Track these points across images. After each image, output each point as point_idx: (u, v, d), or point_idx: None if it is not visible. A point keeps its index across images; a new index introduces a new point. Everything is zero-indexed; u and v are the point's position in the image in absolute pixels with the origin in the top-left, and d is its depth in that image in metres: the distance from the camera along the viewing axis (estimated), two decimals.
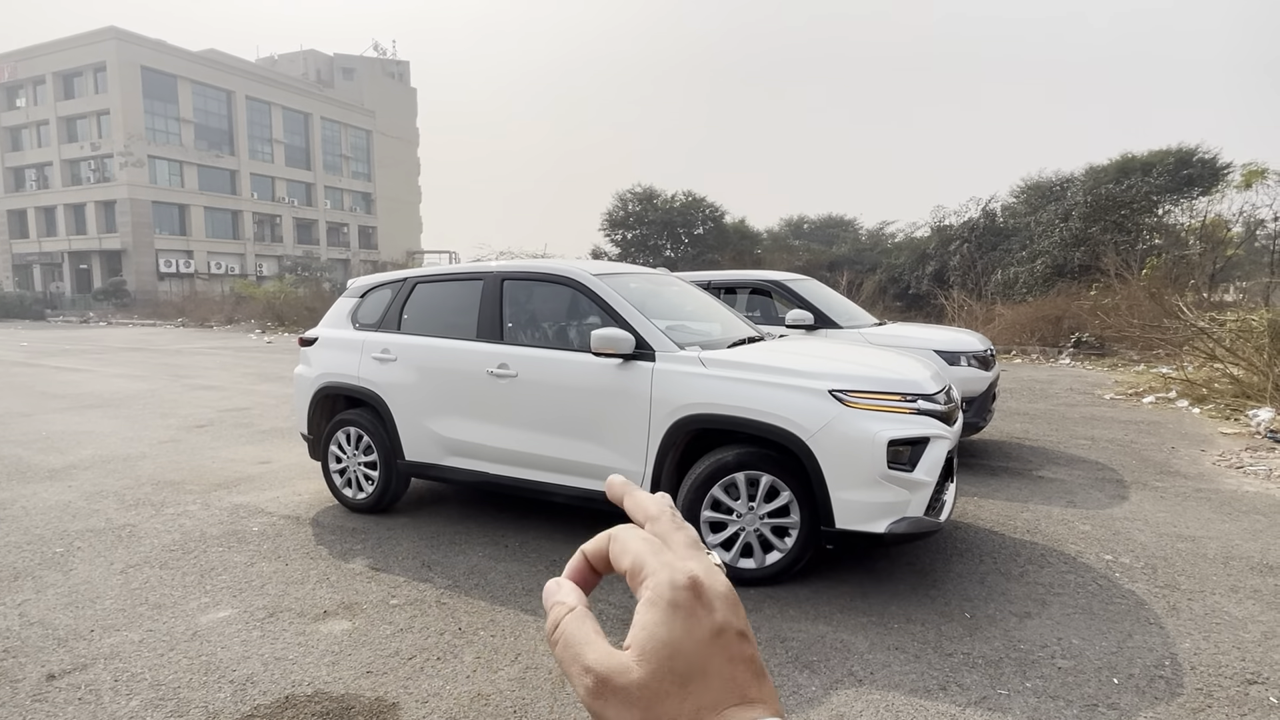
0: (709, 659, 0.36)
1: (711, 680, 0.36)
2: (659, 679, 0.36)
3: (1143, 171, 20.01)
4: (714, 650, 0.37)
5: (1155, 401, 9.13)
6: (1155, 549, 4.10)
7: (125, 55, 45.31)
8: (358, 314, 5.12)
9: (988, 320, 16.85)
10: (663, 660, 0.36)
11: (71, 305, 44.86)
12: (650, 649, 0.37)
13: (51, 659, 2.95)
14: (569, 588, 0.43)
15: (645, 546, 0.40)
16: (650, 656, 0.36)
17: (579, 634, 0.39)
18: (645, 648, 0.37)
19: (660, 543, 0.41)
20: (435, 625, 3.25)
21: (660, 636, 0.37)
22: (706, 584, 0.38)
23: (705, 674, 0.36)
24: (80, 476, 5.77)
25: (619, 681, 0.36)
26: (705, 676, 0.36)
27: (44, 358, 16.26)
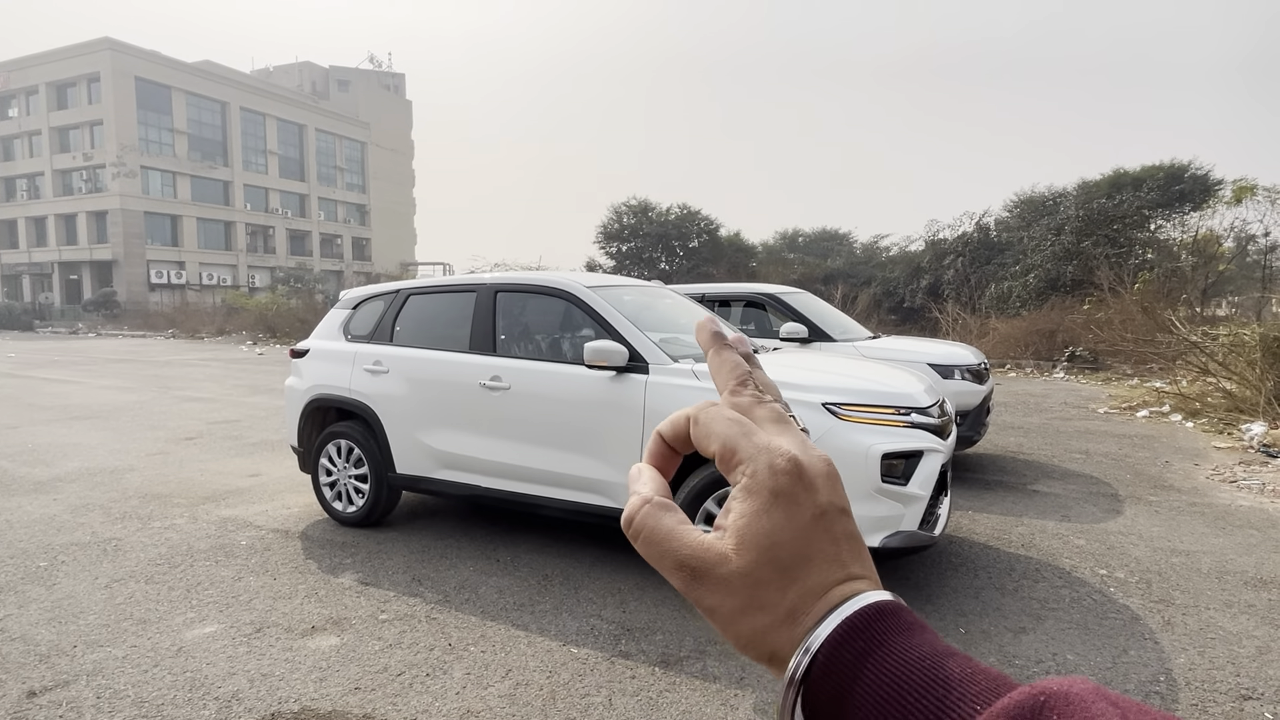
0: (812, 542, 0.35)
1: (815, 563, 0.35)
2: (760, 567, 0.35)
3: (1134, 186, 20.19)
4: (817, 532, 0.36)
5: (1149, 416, 9.16)
6: (1149, 563, 4.09)
7: (119, 66, 45.34)
8: (350, 326, 5.09)
9: (982, 334, 16.93)
10: (764, 549, 0.35)
11: (61, 316, 44.54)
12: (750, 538, 0.35)
13: (32, 675, 2.89)
14: (648, 475, 0.41)
15: (734, 428, 0.38)
16: (750, 545, 0.35)
17: (661, 527, 0.37)
18: (744, 536, 0.36)
19: (748, 421, 0.38)
20: (425, 641, 3.20)
21: (761, 525, 0.35)
22: (806, 464, 0.37)
23: (809, 558, 0.35)
24: (66, 489, 5.69)
25: (719, 572, 0.35)
26: (808, 561, 0.35)
27: (32, 369, 16.12)
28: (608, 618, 3.44)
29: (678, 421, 0.41)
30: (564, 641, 3.20)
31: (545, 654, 3.09)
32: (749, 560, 0.35)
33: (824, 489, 0.37)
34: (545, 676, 2.90)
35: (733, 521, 0.36)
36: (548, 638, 3.23)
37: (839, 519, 0.37)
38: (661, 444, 0.42)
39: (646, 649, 3.13)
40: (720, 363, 0.43)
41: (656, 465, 0.42)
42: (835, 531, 0.36)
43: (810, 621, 0.34)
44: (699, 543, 0.36)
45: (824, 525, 0.36)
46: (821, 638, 0.34)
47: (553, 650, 3.12)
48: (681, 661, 3.02)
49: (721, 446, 0.38)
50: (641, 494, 0.39)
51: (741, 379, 0.41)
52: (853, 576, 0.36)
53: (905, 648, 0.33)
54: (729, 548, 0.36)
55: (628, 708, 2.70)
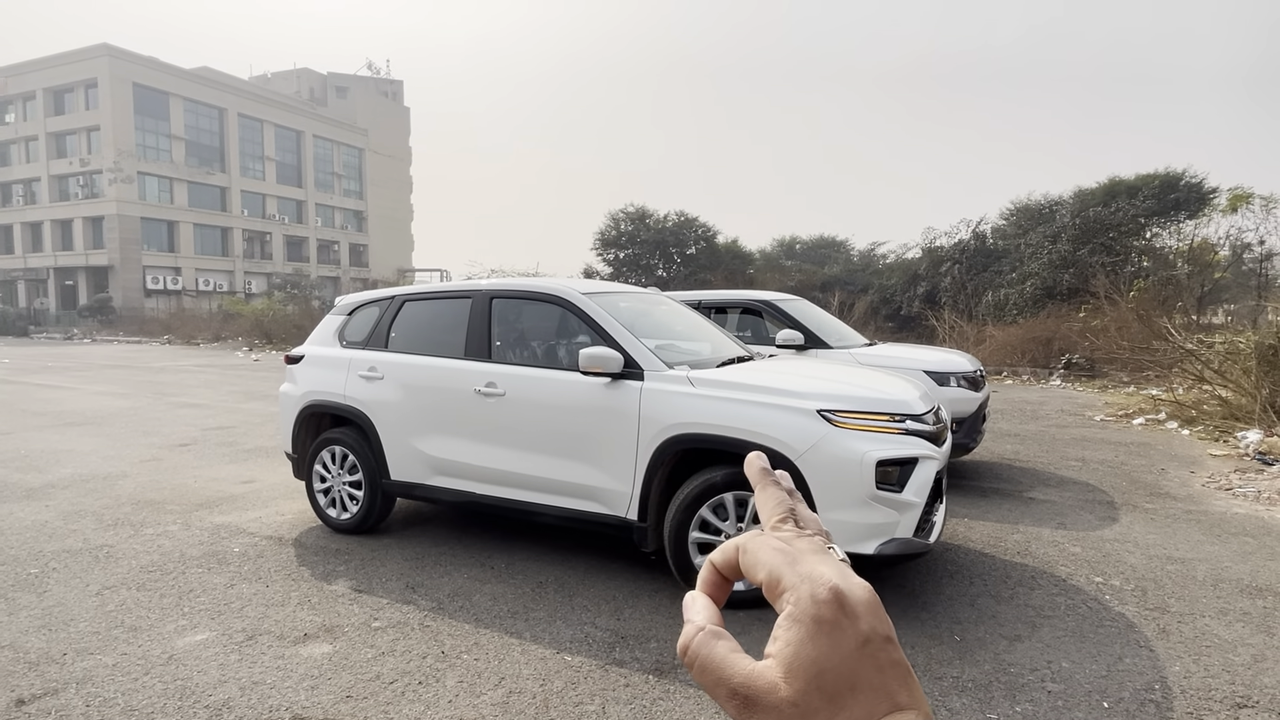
0: (857, 671, 0.36)
1: (861, 692, 0.36)
2: (808, 696, 0.36)
3: (1130, 195, 20.25)
4: (862, 661, 0.36)
5: (1145, 423, 9.18)
6: (1145, 571, 4.09)
7: (117, 72, 45.37)
8: (345, 332, 5.08)
9: (979, 341, 16.95)
10: (810, 678, 0.36)
11: (56, 322, 44.42)
12: (797, 666, 0.36)
13: (21, 683, 2.87)
14: (701, 603, 0.42)
15: (779, 558, 0.40)
16: (798, 674, 0.36)
17: (715, 655, 0.39)
18: (791, 665, 0.36)
19: (793, 550, 0.40)
20: (418, 648, 3.18)
21: (806, 654, 0.36)
22: (848, 594, 0.37)
23: (854, 687, 0.36)
24: (58, 496, 5.66)
25: (769, 701, 0.36)
26: (854, 690, 0.36)
27: (25, 375, 16.06)
28: (602, 625, 3.42)
29: (728, 550, 0.43)
30: (558, 649, 3.19)
31: (539, 662, 3.07)
32: (797, 689, 0.36)
33: (866, 617, 0.37)
34: (539, 685, 2.89)
35: (779, 649, 0.37)
36: (541, 645, 3.22)
37: (883, 647, 0.37)
38: (713, 572, 0.44)
39: (641, 657, 3.12)
40: (766, 497, 0.45)
41: (709, 593, 0.44)
42: (880, 660, 0.37)
43: None
44: (750, 671, 0.37)
45: (869, 653, 0.37)
46: None
47: (546, 658, 3.11)
48: (676, 670, 3.01)
49: (768, 575, 0.40)
50: (695, 622, 0.41)
51: (784, 515, 0.44)
52: (900, 707, 0.36)
53: None
54: (778, 676, 0.37)
55: (621, 716, 2.68)
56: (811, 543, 0.42)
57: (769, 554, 0.40)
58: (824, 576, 0.38)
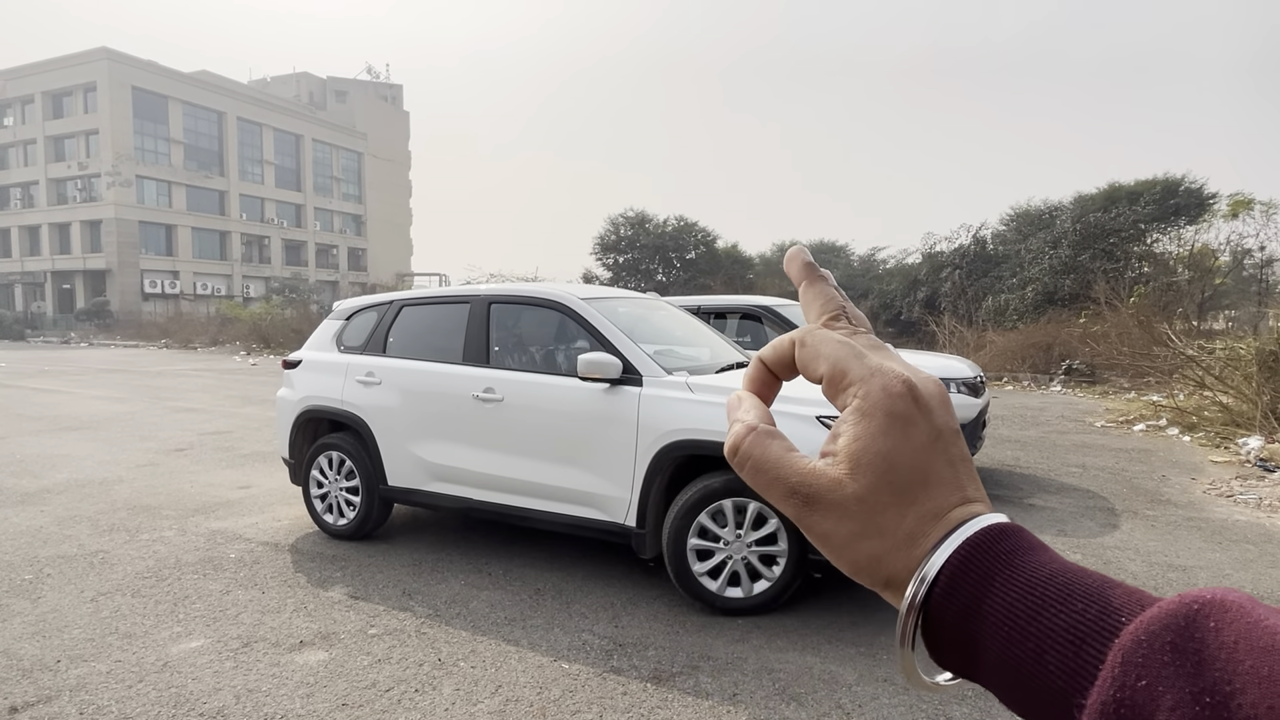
0: (930, 464, 0.35)
1: (932, 485, 0.34)
2: (877, 491, 0.34)
3: (1130, 200, 20.28)
4: (933, 455, 0.35)
5: (1146, 429, 9.17)
6: (1146, 579, 4.07)
7: (116, 75, 45.42)
8: (343, 336, 5.06)
9: (979, 347, 16.96)
10: (880, 473, 0.34)
11: (53, 325, 44.35)
12: (866, 461, 0.35)
13: (15, 691, 2.84)
14: (749, 402, 0.40)
15: (843, 350, 0.37)
16: (866, 469, 0.34)
17: (768, 454, 0.37)
18: (860, 459, 0.35)
19: (857, 344, 0.38)
20: (414, 656, 3.16)
21: (878, 447, 0.35)
22: (920, 387, 0.36)
23: (926, 481, 0.34)
24: (54, 501, 5.63)
25: (833, 498, 0.35)
26: (926, 483, 0.34)
27: (22, 379, 16.01)
28: (600, 633, 3.40)
29: (781, 345, 0.41)
30: (555, 657, 3.16)
31: (536, 669, 3.05)
32: (865, 484, 0.34)
33: (939, 411, 0.36)
34: (536, 693, 2.86)
35: (845, 445, 0.35)
36: (539, 653, 3.19)
37: (954, 441, 0.36)
38: (762, 369, 0.42)
39: (638, 665, 3.10)
40: (814, 294, 0.42)
41: (756, 392, 0.41)
42: (951, 454, 0.36)
43: (929, 544, 0.33)
44: (811, 469, 0.36)
45: (940, 447, 0.35)
46: (943, 559, 0.33)
47: (544, 666, 3.08)
48: (674, 677, 2.98)
49: (831, 368, 0.37)
50: (746, 421, 0.39)
51: (835, 311, 0.41)
52: (969, 499, 0.35)
53: (1034, 564, 0.32)
54: (843, 472, 0.35)
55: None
56: (869, 339, 0.39)
57: (832, 346, 0.38)
58: (895, 370, 0.36)
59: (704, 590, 3.61)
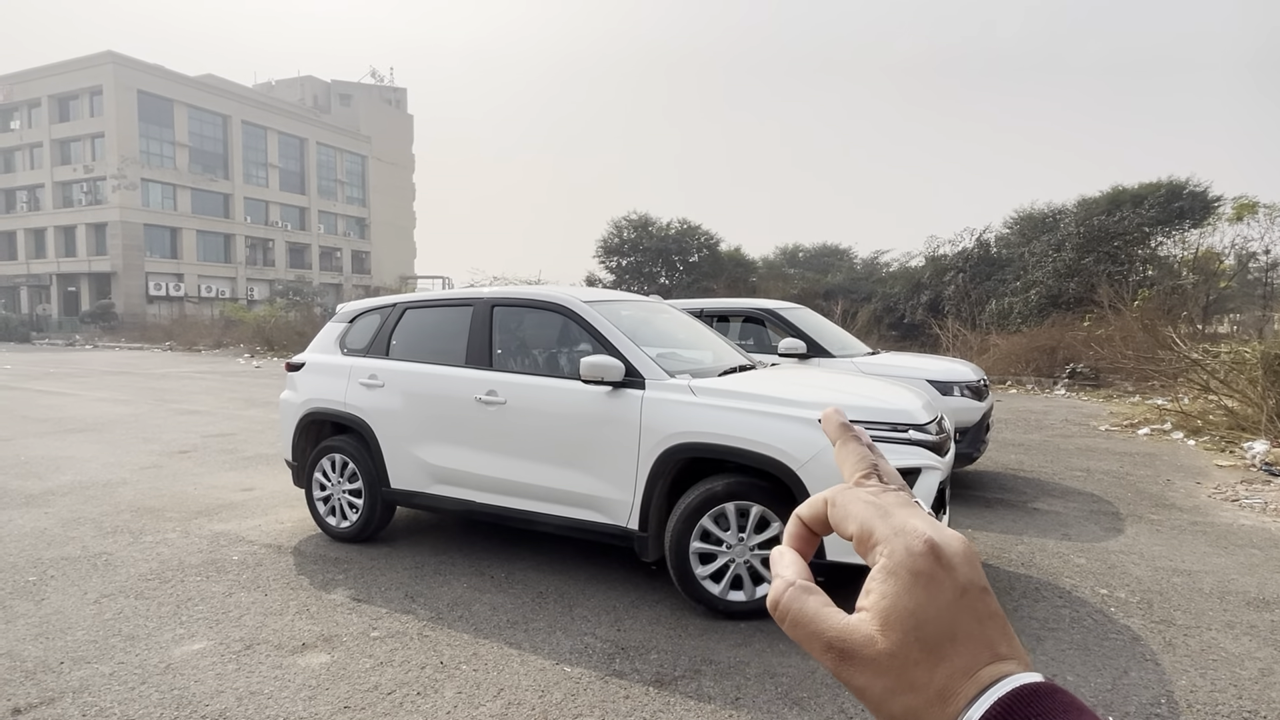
0: (956, 622, 0.36)
1: (961, 643, 0.35)
2: (907, 648, 0.35)
3: (1134, 203, 20.20)
4: (960, 612, 0.36)
5: (1150, 433, 9.12)
6: (1151, 583, 4.05)
7: (122, 79, 45.61)
8: (346, 339, 5.07)
9: (982, 350, 16.91)
10: (909, 630, 0.36)
11: (58, 328, 44.47)
12: (895, 618, 0.36)
13: (18, 692, 2.84)
14: (789, 558, 0.42)
15: (870, 510, 0.40)
16: (895, 626, 0.36)
17: (807, 610, 0.39)
18: (889, 617, 0.36)
19: (883, 504, 0.40)
20: (417, 659, 3.16)
21: (904, 605, 0.36)
22: (944, 545, 0.37)
23: (954, 638, 0.35)
24: (58, 503, 5.65)
25: (866, 654, 0.36)
26: (954, 640, 0.35)
27: (27, 381, 16.06)
28: (602, 636, 3.39)
29: (815, 504, 0.43)
30: (557, 660, 3.16)
31: (538, 673, 3.04)
32: (895, 640, 0.36)
33: (963, 568, 0.37)
34: (538, 696, 2.86)
35: (874, 602, 0.37)
36: (541, 656, 3.19)
37: (981, 598, 0.37)
38: (801, 526, 0.44)
39: (640, 668, 3.09)
40: (847, 453, 0.45)
41: (797, 548, 0.44)
42: (979, 611, 0.36)
43: (961, 703, 0.34)
44: (845, 625, 0.37)
45: (967, 604, 0.36)
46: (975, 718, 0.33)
47: (545, 669, 3.08)
48: (676, 681, 2.98)
49: (859, 528, 0.39)
50: (785, 577, 0.41)
51: (867, 470, 0.43)
52: (1001, 657, 0.35)
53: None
54: (875, 629, 0.36)
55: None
56: (898, 496, 0.41)
57: (860, 507, 0.40)
58: (918, 529, 0.38)
59: (707, 594, 3.60)
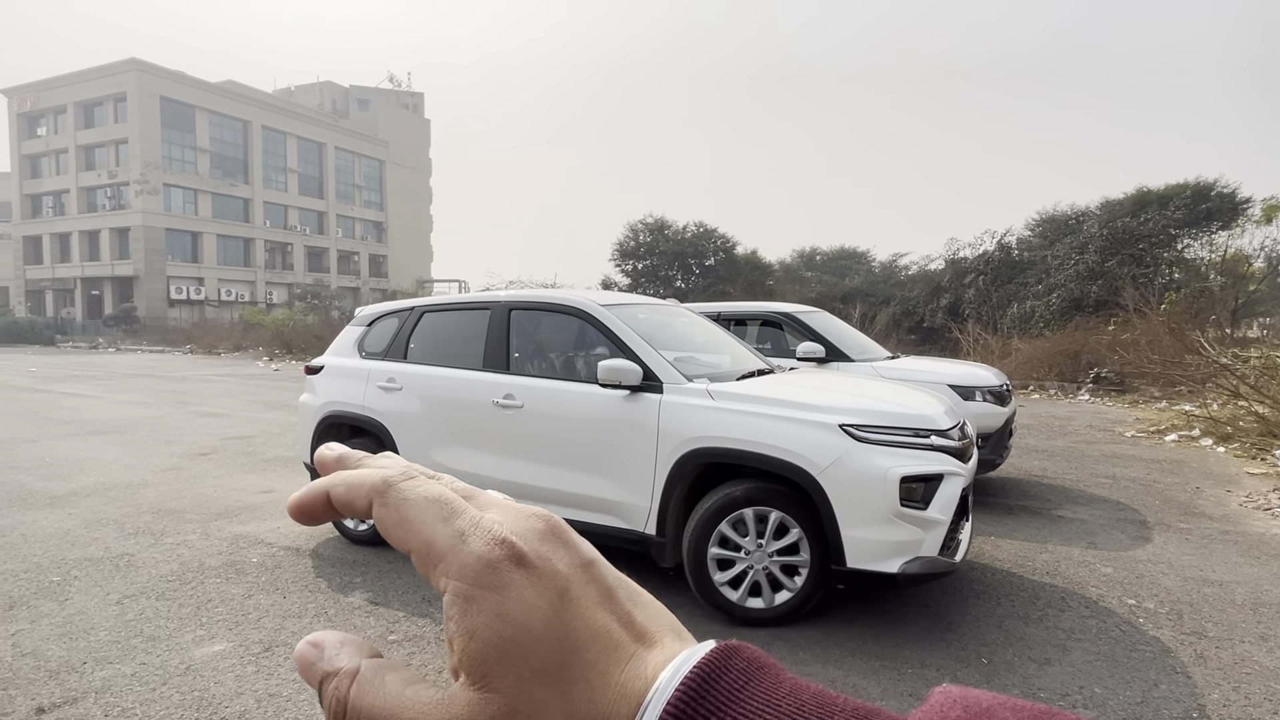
0: (570, 628, 0.28)
1: (590, 646, 0.28)
2: (525, 692, 0.27)
3: (1159, 205, 19.88)
4: (571, 614, 0.28)
5: (1178, 440, 8.94)
6: (1180, 594, 3.96)
7: (145, 86, 46.40)
8: (364, 342, 5.09)
9: (1004, 355, 16.70)
10: (518, 666, 0.27)
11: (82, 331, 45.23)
12: (494, 660, 0.27)
13: (42, 692, 2.87)
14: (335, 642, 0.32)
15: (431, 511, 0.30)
16: (496, 672, 0.27)
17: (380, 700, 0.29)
18: (486, 662, 0.27)
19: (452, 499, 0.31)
20: (434, 663, 3.15)
21: (498, 638, 0.27)
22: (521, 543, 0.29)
23: (577, 647, 0.28)
24: (81, 504, 5.71)
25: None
26: (577, 649, 0.28)
27: (51, 383, 16.33)
28: None
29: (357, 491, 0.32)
30: None
31: None
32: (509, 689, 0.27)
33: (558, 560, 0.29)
34: None
35: (462, 649, 0.28)
36: None
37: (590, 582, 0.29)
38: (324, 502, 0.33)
39: None
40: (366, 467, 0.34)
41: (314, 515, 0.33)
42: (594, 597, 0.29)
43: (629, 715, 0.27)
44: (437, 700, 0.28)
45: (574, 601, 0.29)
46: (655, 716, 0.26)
47: None
48: None
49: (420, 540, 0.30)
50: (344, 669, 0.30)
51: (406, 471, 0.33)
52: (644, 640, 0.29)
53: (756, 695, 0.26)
54: (476, 689, 0.27)
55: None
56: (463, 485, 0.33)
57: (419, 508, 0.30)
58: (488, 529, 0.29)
59: (724, 600, 3.57)
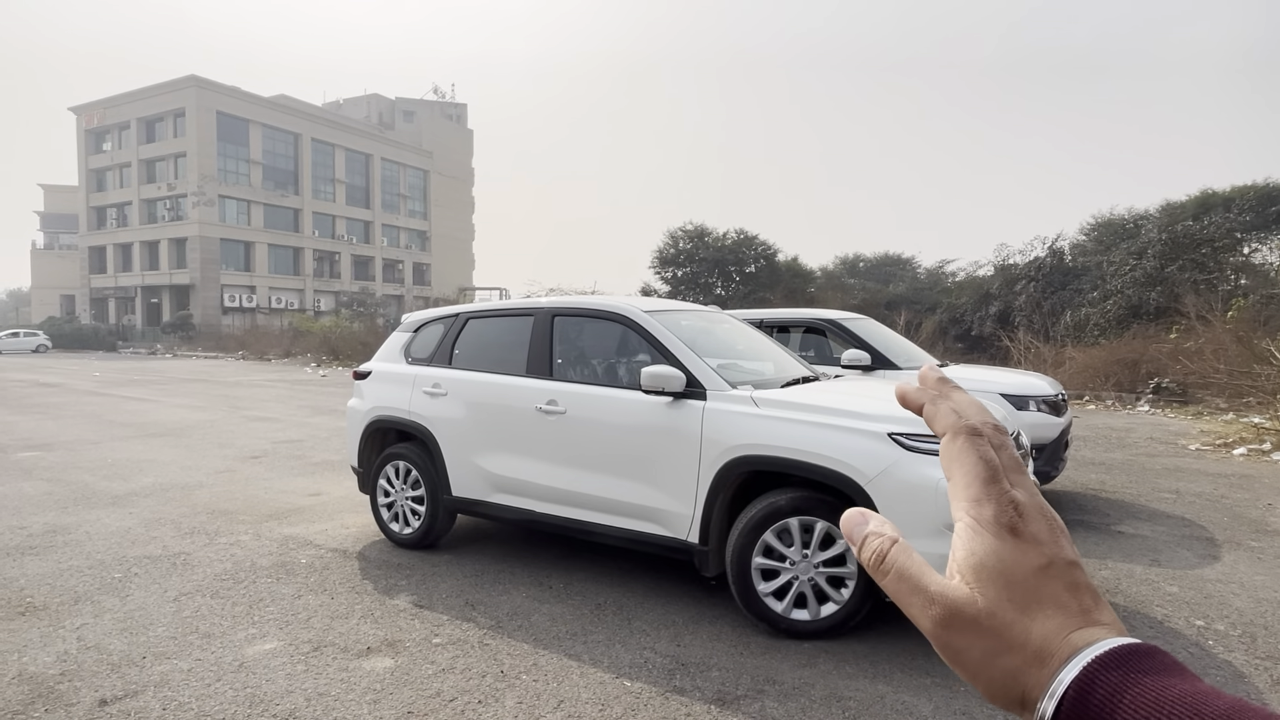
0: (1043, 587, 0.36)
1: (1050, 607, 0.36)
2: (1001, 606, 0.36)
3: (1224, 208, 19.06)
4: (1047, 579, 0.36)
5: (1247, 453, 8.51)
6: (1254, 616, 3.75)
7: (203, 101, 48.29)
8: (411, 348, 5.17)
9: (1057, 363, 16.14)
10: (1001, 588, 0.36)
11: (141, 337, 47.14)
12: (986, 575, 0.37)
13: (104, 684, 2.96)
14: (876, 519, 0.43)
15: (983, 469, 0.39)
16: (988, 583, 0.36)
17: (912, 565, 0.39)
18: (980, 574, 0.37)
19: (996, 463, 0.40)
20: (477, 667, 3.16)
21: (992, 564, 0.37)
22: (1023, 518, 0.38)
23: (1042, 601, 0.36)
24: (141, 504, 5.92)
25: (968, 613, 0.36)
26: (1043, 604, 0.36)
27: (114, 387, 17.02)
28: (661, 651, 3.33)
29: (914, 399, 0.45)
30: (617, 674, 3.11)
31: (598, 686, 3.01)
32: (990, 597, 0.36)
33: (1048, 544, 0.37)
34: (598, 709, 2.82)
35: (963, 559, 0.38)
36: (600, 669, 3.15)
37: (1067, 570, 0.37)
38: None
39: (701, 685, 3.02)
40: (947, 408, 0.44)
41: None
42: (1067, 581, 0.36)
43: (1056, 664, 0.34)
44: (945, 583, 0.38)
45: (1054, 573, 0.36)
46: (1069, 678, 0.33)
47: (605, 682, 3.04)
48: (738, 700, 2.89)
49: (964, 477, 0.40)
50: (888, 534, 0.41)
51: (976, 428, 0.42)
52: (1095, 623, 0.35)
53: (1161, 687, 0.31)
54: (970, 585, 0.37)
55: None
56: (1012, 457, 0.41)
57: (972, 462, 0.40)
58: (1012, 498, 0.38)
59: (769, 611, 3.50)
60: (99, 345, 41.98)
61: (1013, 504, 0.38)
